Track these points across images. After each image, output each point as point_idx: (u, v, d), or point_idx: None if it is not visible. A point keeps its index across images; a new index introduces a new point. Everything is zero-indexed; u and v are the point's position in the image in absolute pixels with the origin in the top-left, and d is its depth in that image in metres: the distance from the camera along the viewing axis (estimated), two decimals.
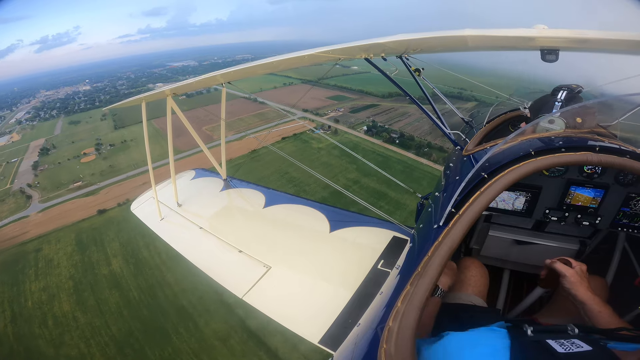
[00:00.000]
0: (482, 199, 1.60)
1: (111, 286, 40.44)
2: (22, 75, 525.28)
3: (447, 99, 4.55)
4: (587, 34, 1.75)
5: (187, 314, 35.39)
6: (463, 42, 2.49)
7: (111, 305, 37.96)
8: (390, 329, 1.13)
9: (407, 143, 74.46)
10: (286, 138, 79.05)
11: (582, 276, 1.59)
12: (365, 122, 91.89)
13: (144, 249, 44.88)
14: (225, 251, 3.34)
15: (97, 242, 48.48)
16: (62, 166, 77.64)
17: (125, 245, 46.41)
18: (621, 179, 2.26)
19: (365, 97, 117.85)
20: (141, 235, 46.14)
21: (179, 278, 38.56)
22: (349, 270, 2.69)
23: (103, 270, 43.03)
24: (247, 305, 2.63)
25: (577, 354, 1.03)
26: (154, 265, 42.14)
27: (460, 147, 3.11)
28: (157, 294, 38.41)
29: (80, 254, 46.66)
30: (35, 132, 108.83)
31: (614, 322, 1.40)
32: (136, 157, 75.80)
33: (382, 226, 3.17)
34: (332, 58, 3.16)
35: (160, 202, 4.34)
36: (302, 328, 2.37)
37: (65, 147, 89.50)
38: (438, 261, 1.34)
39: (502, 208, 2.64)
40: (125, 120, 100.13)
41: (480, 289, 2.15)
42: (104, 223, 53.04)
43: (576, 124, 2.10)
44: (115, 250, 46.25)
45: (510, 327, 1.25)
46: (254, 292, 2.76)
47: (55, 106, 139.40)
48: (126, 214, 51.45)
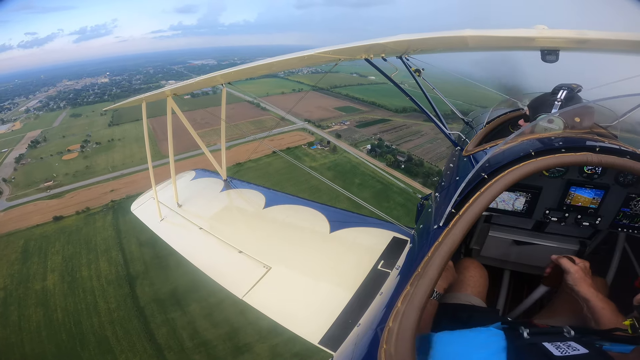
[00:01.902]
0: (482, 200, 1.60)
1: (38, 303, 38.36)
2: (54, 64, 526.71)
3: (447, 100, 4.54)
4: (587, 34, 1.75)
5: (109, 347, 32.84)
6: (463, 43, 2.49)
7: (32, 323, 36.09)
8: (390, 329, 1.13)
9: (414, 169, 64.03)
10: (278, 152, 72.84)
11: (586, 273, 1.62)
12: (370, 139, 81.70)
13: (85, 267, 42.82)
14: (226, 252, 3.34)
15: (41, 253, 46.20)
16: (43, 162, 74.96)
17: (67, 261, 44.17)
18: (621, 179, 2.25)
19: (376, 110, 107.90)
20: (86, 251, 44.67)
21: (112, 307, 36.85)
22: (349, 271, 2.69)
23: (36, 285, 40.94)
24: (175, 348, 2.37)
25: (574, 357, 1.03)
26: (88, 288, 39.95)
27: (460, 148, 3.11)
28: (83, 320, 36.19)
29: (21, 263, 44.44)
30: (37, 123, 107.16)
31: (616, 319, 1.41)
32: (116, 158, 73.06)
33: (382, 227, 3.17)
34: (332, 59, 3.15)
35: (160, 203, 4.34)
36: (302, 328, 2.37)
37: (55, 141, 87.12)
38: (438, 262, 1.34)
39: (502, 208, 2.64)
40: (123, 117, 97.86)
41: (480, 290, 2.15)
42: (55, 232, 50.41)
43: (575, 123, 2.09)
44: (56, 264, 43.91)
45: (507, 328, 1.25)
46: (254, 293, 2.76)
47: (67, 97, 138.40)
48: (81, 224, 50.56)
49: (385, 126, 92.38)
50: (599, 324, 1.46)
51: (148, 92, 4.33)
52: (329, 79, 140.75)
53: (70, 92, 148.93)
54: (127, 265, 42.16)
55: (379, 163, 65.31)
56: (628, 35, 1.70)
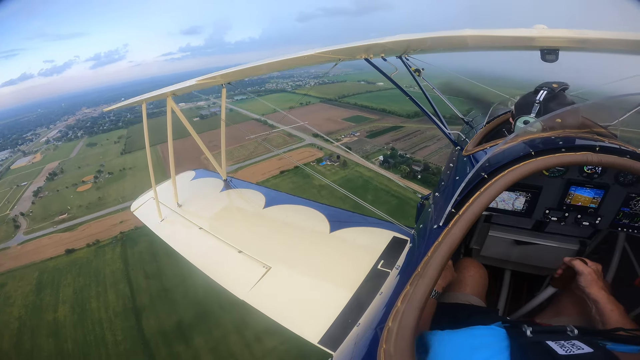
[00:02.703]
0: (482, 199, 1.60)
1: (50, 334, 39.69)
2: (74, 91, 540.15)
3: (447, 99, 4.54)
4: (587, 34, 1.75)
5: None
6: (463, 42, 2.49)
7: (44, 353, 37.26)
8: (389, 329, 1.13)
9: (431, 179, 56.53)
10: (285, 172, 67.92)
11: (598, 276, 1.63)
12: (383, 149, 76.23)
13: (94, 299, 44.14)
14: (225, 252, 3.34)
15: (53, 285, 47.90)
16: (59, 194, 76.49)
17: (78, 293, 45.72)
18: (621, 179, 2.25)
19: (387, 117, 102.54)
20: (96, 283, 46.20)
21: (119, 339, 37.63)
22: (349, 271, 2.69)
23: (48, 316, 42.39)
24: None
25: (578, 356, 1.02)
26: (97, 320, 41.02)
27: (460, 147, 3.10)
28: (91, 352, 37.02)
29: (35, 295, 46.32)
30: (56, 154, 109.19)
31: (625, 322, 1.41)
32: (127, 187, 73.58)
33: (382, 226, 3.17)
34: (332, 58, 3.16)
35: (160, 203, 4.34)
36: (301, 328, 2.37)
37: (71, 173, 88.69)
38: (438, 261, 1.34)
39: (502, 208, 2.63)
40: (135, 143, 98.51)
41: (479, 290, 2.15)
42: (67, 264, 52.06)
43: (555, 124, 2.04)
44: (67, 296, 45.51)
45: (508, 327, 1.24)
46: (254, 293, 2.76)
47: (85, 126, 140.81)
48: (91, 256, 52.28)
49: (397, 134, 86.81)
50: (605, 326, 1.46)
51: (148, 93, 4.33)
52: (337, 89, 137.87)
53: (88, 120, 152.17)
54: (134, 298, 43.19)
55: (393, 175, 60.54)
56: (628, 35, 1.70)
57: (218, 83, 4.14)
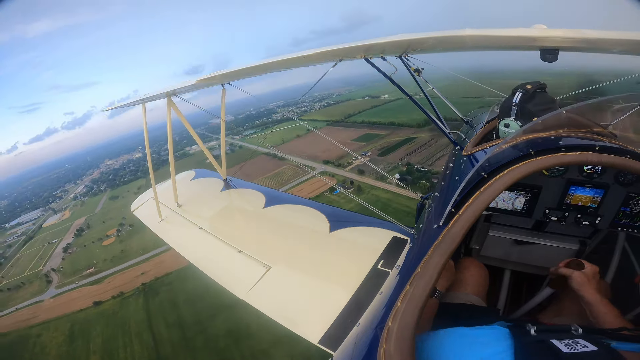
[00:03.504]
0: (482, 199, 1.60)
1: None
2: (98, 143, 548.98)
3: (447, 99, 4.53)
4: (586, 33, 1.74)
5: None
6: (462, 42, 2.49)
7: None
8: (389, 328, 1.13)
9: None
10: None
11: (591, 278, 1.63)
12: (398, 166, 70.33)
13: (122, 349, 45.83)
14: (225, 251, 3.34)
15: (84, 335, 50.26)
16: (86, 249, 79.10)
17: (106, 343, 47.70)
18: (621, 178, 2.25)
19: (397, 130, 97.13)
20: (122, 334, 48.20)
21: None
22: (349, 270, 2.69)
23: None
24: None
25: (583, 354, 1.02)
26: None
27: (460, 147, 3.10)
28: None
29: (68, 345, 48.84)
30: (82, 210, 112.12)
31: (619, 324, 1.40)
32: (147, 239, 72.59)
33: (382, 226, 3.17)
34: (331, 59, 3.15)
35: (160, 203, 4.33)
36: (301, 328, 2.37)
37: (97, 227, 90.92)
38: (438, 261, 1.34)
39: (502, 208, 2.64)
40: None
41: (480, 289, 2.15)
42: (96, 316, 54.62)
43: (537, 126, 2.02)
44: (97, 347, 47.48)
45: (511, 326, 1.24)
46: (254, 293, 2.76)
47: (108, 178, 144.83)
48: (117, 308, 54.77)
49: (411, 146, 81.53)
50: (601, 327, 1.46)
51: (148, 94, 4.33)
52: (342, 109, 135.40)
53: (110, 172, 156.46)
54: (157, 348, 44.61)
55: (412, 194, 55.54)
56: (628, 35, 1.70)
57: (218, 83, 4.14)
